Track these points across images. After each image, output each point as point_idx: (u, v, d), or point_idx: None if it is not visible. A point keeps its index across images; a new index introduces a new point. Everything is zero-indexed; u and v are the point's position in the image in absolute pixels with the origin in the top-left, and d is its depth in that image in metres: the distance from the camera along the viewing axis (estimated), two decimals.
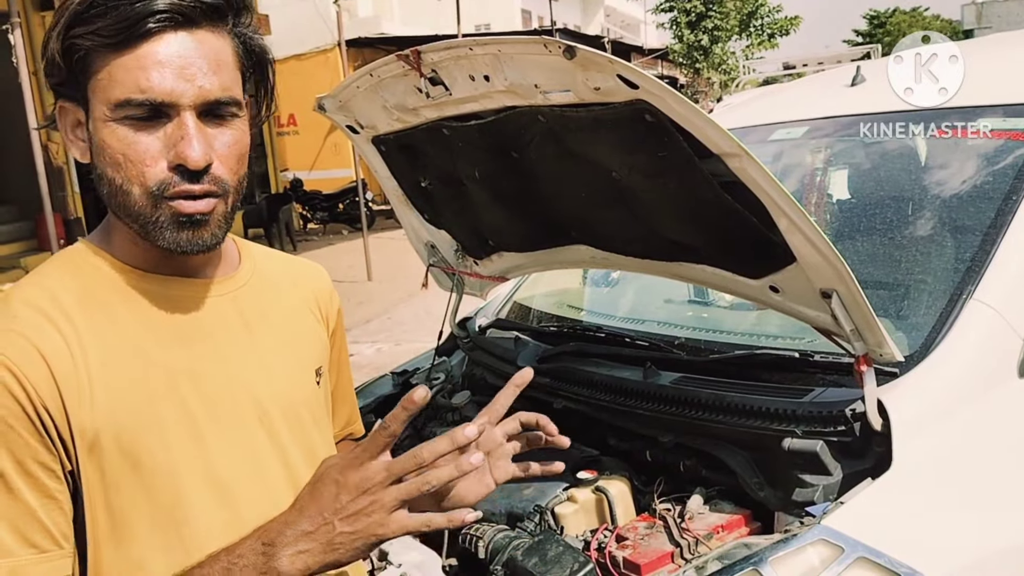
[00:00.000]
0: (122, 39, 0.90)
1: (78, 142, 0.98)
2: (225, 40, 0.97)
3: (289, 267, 1.22)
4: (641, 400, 1.81)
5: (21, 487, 0.88)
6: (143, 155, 0.92)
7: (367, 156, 2.11)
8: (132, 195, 0.94)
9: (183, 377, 0.98)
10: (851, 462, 1.50)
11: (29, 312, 0.93)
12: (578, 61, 1.37)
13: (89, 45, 0.91)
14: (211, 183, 0.95)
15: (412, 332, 7.21)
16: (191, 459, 0.98)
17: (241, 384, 1.03)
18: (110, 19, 0.89)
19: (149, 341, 0.98)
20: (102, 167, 0.95)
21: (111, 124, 0.92)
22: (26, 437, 0.89)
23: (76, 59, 0.92)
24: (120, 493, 0.94)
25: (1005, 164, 1.85)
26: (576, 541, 1.61)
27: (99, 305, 0.97)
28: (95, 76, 0.92)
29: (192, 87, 0.92)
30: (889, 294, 1.86)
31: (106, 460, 0.93)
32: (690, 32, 22.90)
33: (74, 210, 11.27)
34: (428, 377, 2.49)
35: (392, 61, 1.67)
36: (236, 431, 1.02)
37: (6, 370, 0.88)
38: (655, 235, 1.74)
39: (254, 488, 1.02)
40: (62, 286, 0.97)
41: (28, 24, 10.06)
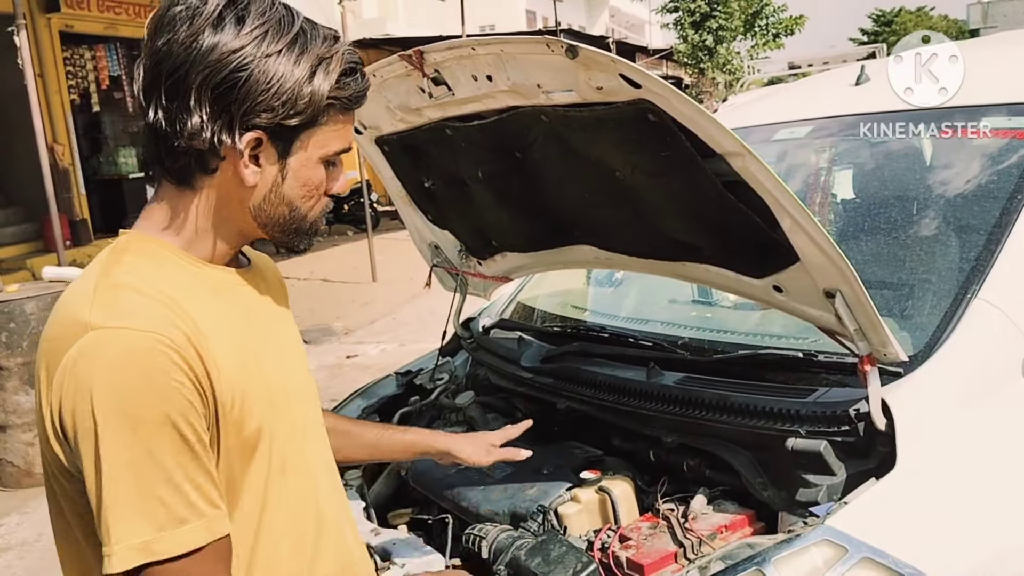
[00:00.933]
0: (353, 107, 1.14)
1: (253, 167, 1.09)
2: None
3: (259, 256, 1.34)
4: (645, 400, 1.81)
5: (201, 454, 1.01)
6: (320, 186, 1.16)
7: (371, 156, 2.11)
8: (308, 217, 1.17)
9: (255, 351, 1.13)
10: (855, 462, 1.50)
11: (149, 300, 1.02)
12: (581, 61, 1.37)
13: (335, 104, 1.10)
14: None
15: (416, 333, 7.21)
16: (275, 425, 1.13)
17: (285, 355, 1.21)
18: (353, 90, 1.12)
19: (234, 320, 1.12)
20: (292, 196, 1.13)
21: (319, 165, 1.14)
22: (199, 411, 1.01)
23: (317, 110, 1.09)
24: (232, 457, 1.07)
25: (1009, 163, 1.85)
26: (579, 541, 1.61)
27: (188, 291, 1.07)
28: (323, 126, 1.11)
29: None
30: (893, 294, 1.85)
31: (224, 428, 1.05)
32: (694, 32, 22.87)
33: (80, 211, 11.30)
34: (432, 377, 2.49)
35: (395, 61, 1.68)
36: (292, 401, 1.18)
37: (175, 352, 0.98)
38: (658, 235, 1.74)
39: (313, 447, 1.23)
40: (154, 275, 1.06)
41: (33, 26, 10.10)
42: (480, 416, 2.20)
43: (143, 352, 0.97)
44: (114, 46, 12.02)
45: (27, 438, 4.57)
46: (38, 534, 3.99)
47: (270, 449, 1.12)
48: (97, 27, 11.73)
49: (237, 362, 1.07)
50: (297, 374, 1.23)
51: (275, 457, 1.13)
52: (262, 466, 1.11)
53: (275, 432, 1.12)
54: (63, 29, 11.28)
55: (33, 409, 4.62)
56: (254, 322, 1.16)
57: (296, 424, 1.18)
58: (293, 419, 1.17)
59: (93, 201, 11.94)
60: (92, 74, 11.83)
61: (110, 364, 0.96)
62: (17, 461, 4.61)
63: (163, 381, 0.97)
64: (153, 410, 0.96)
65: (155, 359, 0.97)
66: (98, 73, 11.89)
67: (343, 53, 1.11)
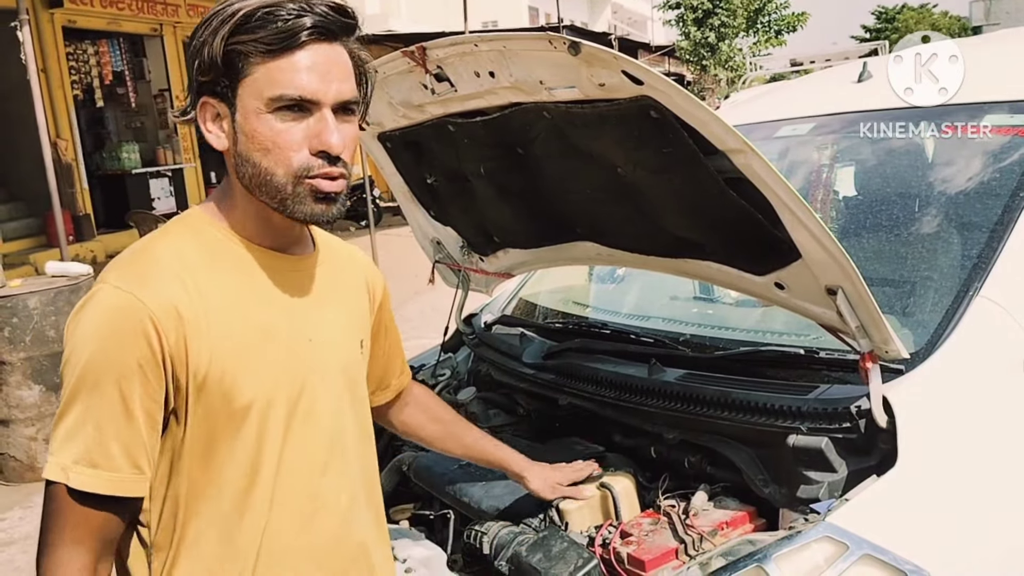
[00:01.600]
0: (281, 47, 1.10)
1: (216, 132, 1.16)
2: (347, 52, 1.17)
3: (344, 251, 1.42)
4: (646, 397, 1.81)
5: (139, 417, 1.09)
6: (290, 142, 1.12)
7: (373, 153, 2.11)
8: (277, 175, 1.13)
9: (273, 333, 1.18)
10: (856, 459, 1.50)
11: (162, 268, 1.12)
12: (583, 57, 1.37)
13: (250, 51, 1.10)
14: (342, 166, 1.15)
15: (419, 328, 7.19)
16: (273, 403, 1.17)
17: (314, 344, 1.24)
18: (271, 30, 1.09)
19: (251, 300, 1.18)
20: (248, 152, 1.14)
21: (263, 116, 1.11)
22: (151, 378, 1.09)
23: (231, 62, 1.10)
24: (215, 425, 1.14)
25: (1012, 160, 1.85)
26: (580, 537, 1.61)
27: (214, 265, 1.16)
28: (250, 76, 1.11)
29: (332, 88, 1.12)
30: (895, 291, 1.85)
31: (209, 396, 1.12)
32: (697, 29, 22.80)
33: (83, 206, 11.31)
34: (434, 373, 2.49)
35: (398, 58, 1.68)
36: (308, 382, 1.22)
37: (148, 321, 1.08)
38: (660, 232, 1.74)
39: (316, 429, 1.23)
40: (187, 245, 1.16)
41: (36, 21, 10.09)
42: (482, 412, 2.20)
43: (119, 311, 1.08)
44: (117, 41, 12.03)
45: (30, 433, 4.58)
46: None
47: (266, 422, 1.17)
48: (100, 22, 11.74)
49: (239, 337, 1.14)
50: (326, 359, 1.25)
51: (271, 430, 1.17)
52: (250, 437, 1.16)
53: (274, 408, 1.17)
54: (66, 24, 11.28)
55: (35, 404, 4.68)
56: (279, 304, 1.20)
57: (309, 399, 1.22)
58: (307, 399, 1.21)
59: (96, 196, 11.95)
60: (95, 69, 11.85)
61: (93, 312, 1.09)
62: (20, 456, 4.62)
63: (123, 341, 1.07)
64: (105, 365, 1.07)
65: (126, 320, 1.07)
66: (101, 68, 11.91)
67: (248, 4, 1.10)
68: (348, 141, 1.16)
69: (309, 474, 1.22)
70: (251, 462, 1.16)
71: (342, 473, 1.28)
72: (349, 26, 1.16)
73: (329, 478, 1.25)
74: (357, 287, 1.40)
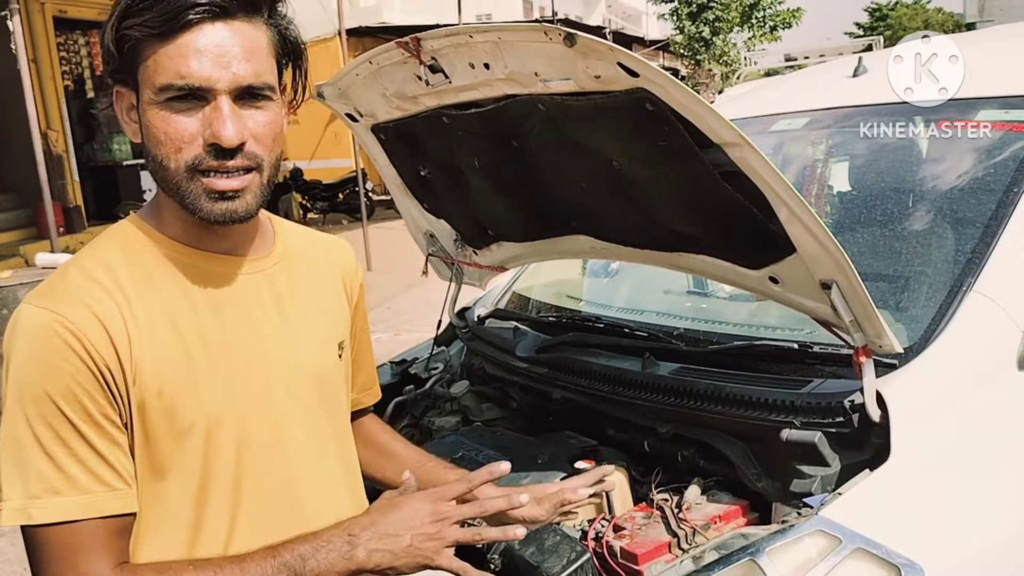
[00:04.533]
0: (166, 29, 1.00)
1: (131, 123, 1.09)
2: (261, 30, 1.07)
3: (318, 243, 1.32)
4: (640, 390, 1.81)
5: (91, 434, 1.01)
6: (181, 133, 1.03)
7: (366, 144, 2.10)
8: (169, 169, 1.05)
9: (216, 344, 1.09)
10: (849, 453, 1.50)
11: (87, 281, 1.05)
12: (579, 49, 1.36)
13: (138, 35, 1.02)
14: (245, 158, 1.05)
15: (411, 322, 7.21)
16: (220, 420, 1.09)
17: (271, 354, 1.14)
18: (156, 12, 1.00)
19: (188, 310, 1.09)
20: (148, 145, 1.06)
21: (155, 107, 1.03)
22: (92, 392, 1.01)
23: (127, 48, 1.03)
24: (159, 447, 1.06)
25: (1006, 156, 1.85)
26: (573, 531, 1.61)
27: (146, 276, 1.08)
28: (144, 63, 1.03)
29: (227, 73, 1.02)
30: (889, 286, 1.85)
31: (149, 415, 1.05)
32: (691, 23, 22.81)
33: (73, 198, 11.25)
34: (427, 367, 2.48)
35: (392, 48, 1.66)
36: (264, 396, 1.13)
37: (71, 334, 1.00)
38: (655, 225, 1.73)
39: (277, 452, 1.14)
40: (115, 258, 1.09)
41: (27, 11, 10.02)
42: (475, 406, 2.20)
43: (40, 331, 1.01)
44: None
45: None
46: None
47: (212, 443, 1.08)
48: (91, 12, 11.65)
49: (177, 352, 1.06)
50: (291, 368, 1.16)
51: (224, 443, 1.09)
52: (195, 460, 1.08)
53: (224, 427, 1.09)
54: (57, 14, 11.20)
55: None
56: (226, 312, 1.12)
57: (269, 414, 1.13)
58: (261, 409, 1.12)
59: (87, 188, 11.87)
60: (86, 60, 11.77)
61: (17, 338, 1.02)
62: None
63: (49, 358, 1.00)
64: (37, 385, 1.00)
65: (49, 339, 1.00)
66: (92, 59, 11.82)
67: None
68: (259, 131, 1.06)
69: (277, 499, 1.14)
70: (198, 487, 1.08)
71: (322, 493, 1.19)
72: (250, 1, 1.05)
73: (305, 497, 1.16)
74: (331, 284, 1.29)
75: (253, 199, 1.08)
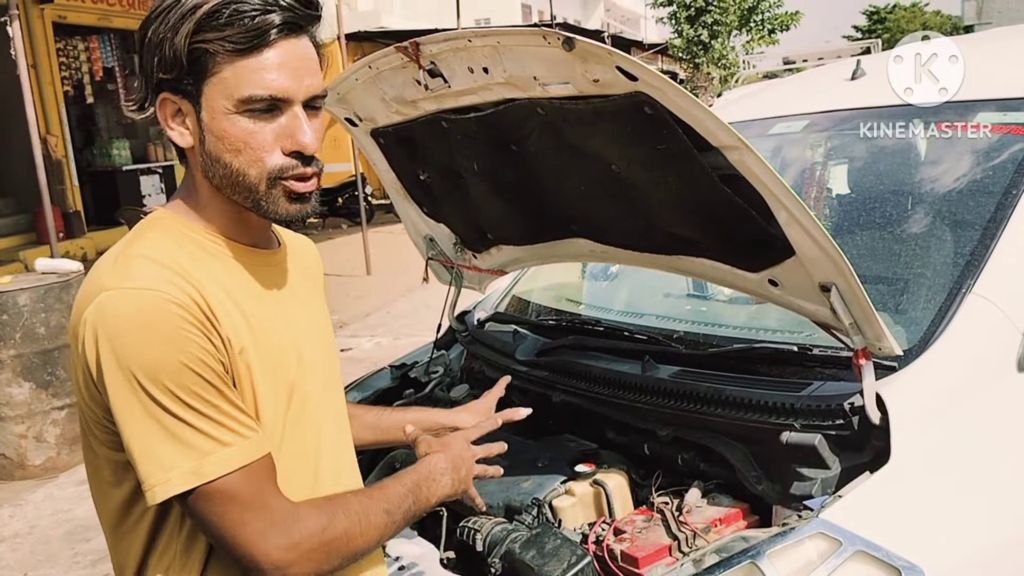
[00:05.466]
0: (249, 46, 1.07)
1: (180, 129, 1.14)
2: (311, 42, 1.15)
3: (297, 240, 1.42)
4: (639, 394, 1.81)
5: (227, 391, 1.09)
6: (262, 143, 1.10)
7: (366, 149, 2.10)
8: (249, 176, 1.11)
9: (263, 327, 1.17)
10: (849, 456, 1.50)
11: (157, 267, 1.09)
12: (577, 53, 1.37)
13: (217, 49, 1.07)
14: (316, 165, 1.15)
15: (411, 326, 7.20)
16: (272, 393, 1.17)
17: (301, 336, 1.25)
18: (238, 28, 1.06)
19: (243, 296, 1.16)
20: (218, 152, 1.11)
21: (232, 116, 1.09)
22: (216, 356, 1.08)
23: (196, 60, 1.07)
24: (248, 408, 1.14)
25: (1004, 158, 1.85)
26: (574, 534, 1.61)
27: (201, 263, 1.14)
28: (218, 75, 1.08)
29: (302, 85, 1.11)
30: (888, 288, 1.86)
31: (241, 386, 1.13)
32: (690, 27, 22.82)
33: (73, 203, 11.26)
34: (427, 370, 2.48)
35: (391, 53, 1.67)
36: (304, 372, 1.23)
37: (179, 307, 1.05)
38: (654, 228, 1.74)
39: (310, 421, 1.24)
40: (168, 246, 1.13)
41: (27, 17, 10.04)
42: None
43: (151, 308, 1.04)
44: (108, 37, 11.96)
45: (20, 430, 4.56)
46: (30, 526, 3.98)
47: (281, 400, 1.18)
48: (91, 18, 11.68)
49: (244, 333, 1.13)
50: (311, 350, 1.26)
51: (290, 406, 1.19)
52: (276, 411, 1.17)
53: (277, 399, 1.18)
54: (56, 20, 11.22)
55: (25, 402, 4.65)
56: (265, 298, 1.21)
57: (301, 394, 1.22)
58: (297, 388, 1.21)
59: (86, 193, 11.89)
60: (86, 65, 11.78)
61: (121, 323, 1.04)
62: (10, 454, 4.60)
63: (172, 332, 1.04)
64: (169, 360, 1.03)
65: (162, 314, 1.04)
66: (92, 64, 11.84)
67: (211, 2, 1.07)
68: (319, 136, 1.15)
69: (305, 465, 1.23)
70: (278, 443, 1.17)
71: (334, 458, 1.30)
72: (314, 17, 1.13)
73: (324, 462, 1.27)
74: (317, 276, 1.42)
75: (316, 201, 1.18)
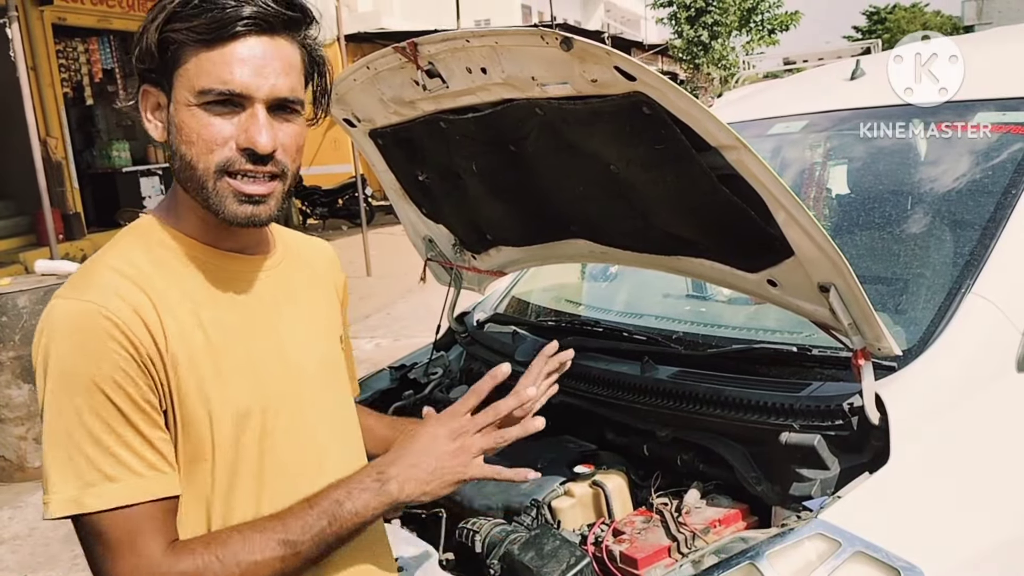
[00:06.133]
0: (214, 37, 1.05)
1: (156, 122, 1.13)
2: (295, 48, 1.12)
3: (307, 245, 1.38)
4: (639, 394, 1.81)
5: (138, 421, 1.04)
6: (215, 135, 1.07)
7: (364, 149, 2.10)
8: (198, 169, 1.09)
9: (240, 338, 1.14)
10: (849, 456, 1.50)
11: (116, 276, 1.08)
12: (575, 53, 1.37)
13: (183, 39, 1.06)
14: (274, 165, 1.10)
15: (411, 327, 7.20)
16: (249, 410, 1.13)
17: (288, 347, 1.20)
18: (205, 19, 1.04)
19: (211, 304, 1.13)
20: (177, 144, 1.10)
21: (192, 108, 1.07)
22: (136, 380, 1.04)
23: (168, 50, 1.07)
24: (194, 434, 1.09)
25: (1004, 158, 1.85)
26: (573, 535, 1.61)
27: (169, 270, 1.12)
28: (183, 66, 1.07)
29: (266, 84, 1.08)
30: (887, 288, 1.85)
31: (186, 403, 1.08)
32: (690, 28, 22.84)
33: (73, 205, 11.25)
34: (426, 372, 2.48)
35: (389, 54, 1.67)
36: (286, 387, 1.18)
37: (112, 323, 1.03)
38: (653, 229, 1.73)
39: (299, 436, 1.19)
40: (137, 254, 1.12)
41: (26, 18, 10.03)
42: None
43: (80, 321, 1.03)
44: (107, 39, 11.95)
45: (19, 432, 4.55)
46: (30, 528, 3.98)
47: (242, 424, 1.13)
48: (90, 20, 11.67)
49: (205, 345, 1.10)
50: (303, 360, 1.22)
51: (251, 431, 1.13)
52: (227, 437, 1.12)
53: (252, 410, 1.13)
54: (56, 22, 11.22)
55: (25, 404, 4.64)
56: (244, 307, 1.17)
57: (291, 403, 1.18)
58: (282, 398, 1.17)
59: (86, 195, 11.88)
60: (85, 67, 11.77)
61: (56, 331, 1.04)
62: (9, 455, 4.60)
63: (95, 348, 1.02)
64: (83, 375, 1.02)
65: (92, 328, 1.03)
66: (91, 66, 11.84)
67: None
68: (287, 141, 1.11)
69: (299, 479, 1.18)
70: (228, 471, 1.12)
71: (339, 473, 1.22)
72: (293, 20, 1.10)
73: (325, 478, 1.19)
74: (325, 282, 1.36)
75: (275, 206, 1.13)
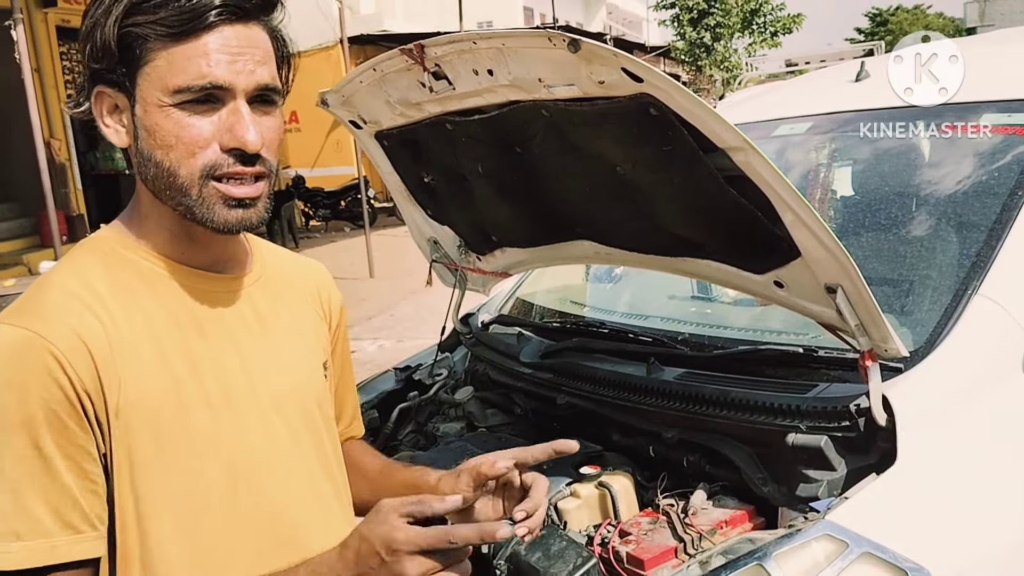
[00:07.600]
0: (186, 30, 0.95)
1: (116, 126, 1.03)
2: (266, 33, 1.03)
3: (293, 264, 1.27)
4: (644, 396, 1.81)
5: (61, 469, 0.93)
6: (196, 138, 0.97)
7: (370, 151, 2.10)
8: (180, 176, 0.98)
9: (204, 366, 1.03)
10: (855, 457, 1.50)
11: (66, 297, 0.97)
12: (582, 54, 1.37)
13: (148, 34, 0.96)
14: (261, 165, 1.01)
15: (414, 329, 7.21)
16: (211, 444, 1.02)
17: (257, 375, 1.08)
18: (172, 10, 0.94)
19: (173, 328, 1.02)
20: (150, 150, 0.99)
21: (167, 108, 0.97)
22: (68, 422, 0.93)
23: (130, 47, 0.96)
24: (145, 474, 0.98)
25: (1010, 159, 1.85)
26: (579, 536, 1.61)
27: (128, 292, 1.02)
28: (150, 63, 0.97)
29: (246, 74, 0.98)
30: (894, 290, 1.85)
31: (134, 440, 0.97)
32: (692, 29, 22.84)
33: (76, 207, 11.29)
34: (431, 373, 2.48)
35: (395, 55, 1.67)
36: (253, 419, 1.07)
37: (53, 359, 0.92)
38: (659, 230, 1.73)
39: (269, 475, 1.07)
40: (94, 272, 1.01)
41: (30, 21, 10.07)
42: (479, 411, 2.19)
43: (16, 352, 0.92)
44: None
45: None
46: None
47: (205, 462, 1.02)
48: None
49: (164, 372, 1.00)
50: (272, 389, 1.09)
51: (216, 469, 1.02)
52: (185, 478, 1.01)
53: (217, 446, 1.03)
54: (60, 24, 11.27)
55: None
56: (212, 330, 1.06)
57: (260, 438, 1.07)
58: (254, 433, 1.06)
59: (90, 196, 11.92)
60: None
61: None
62: None
63: (27, 384, 0.91)
64: (10, 413, 0.91)
65: (25, 362, 0.92)
66: None
67: None
68: (269, 136, 1.01)
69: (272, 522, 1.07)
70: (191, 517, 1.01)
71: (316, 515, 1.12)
72: (267, 3, 1.01)
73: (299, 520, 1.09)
74: (309, 304, 1.23)
75: (264, 208, 1.04)
